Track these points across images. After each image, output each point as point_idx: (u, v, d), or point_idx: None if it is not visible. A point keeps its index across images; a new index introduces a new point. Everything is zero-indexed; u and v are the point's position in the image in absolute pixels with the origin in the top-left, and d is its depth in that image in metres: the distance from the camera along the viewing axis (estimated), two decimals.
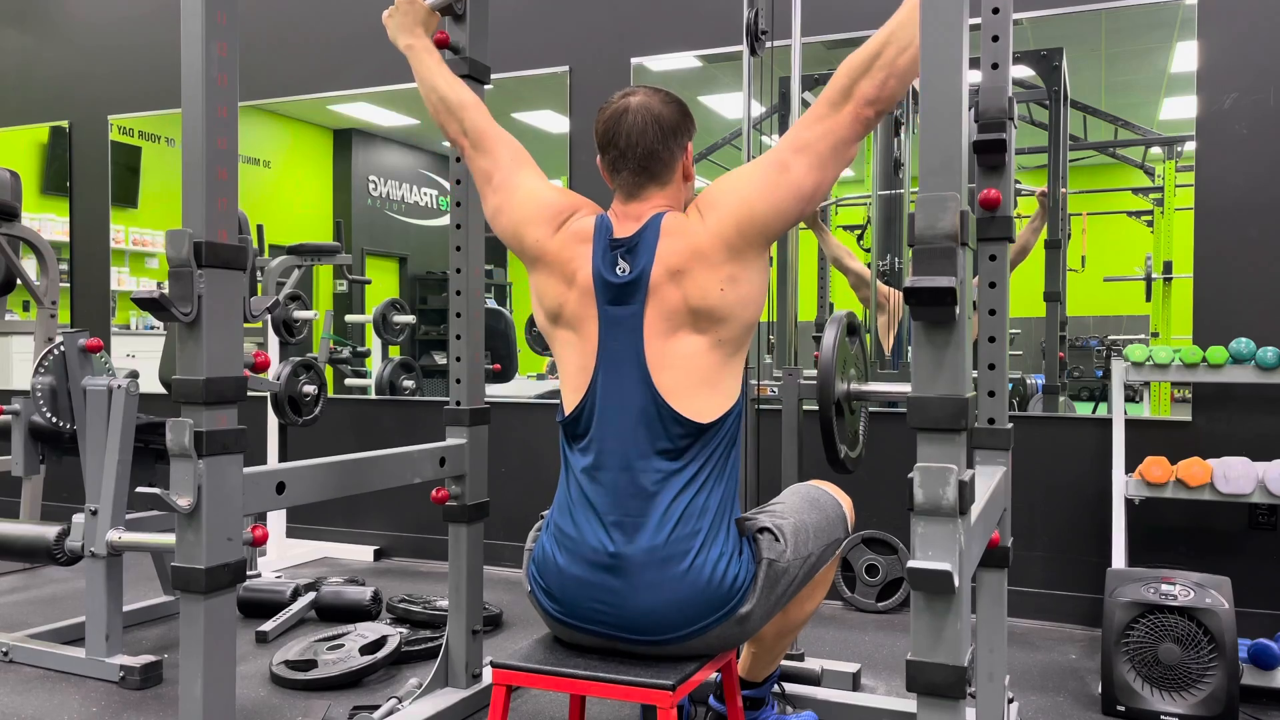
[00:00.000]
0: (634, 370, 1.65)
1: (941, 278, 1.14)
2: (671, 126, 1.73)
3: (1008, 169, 1.94)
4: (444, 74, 2.07)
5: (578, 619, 1.66)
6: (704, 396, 1.65)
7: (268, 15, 4.42)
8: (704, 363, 1.65)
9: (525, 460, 3.91)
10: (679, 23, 3.70)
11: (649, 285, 1.65)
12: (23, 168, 4.77)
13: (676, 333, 1.65)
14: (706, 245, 1.64)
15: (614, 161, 1.74)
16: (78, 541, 2.69)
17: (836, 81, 1.59)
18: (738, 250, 1.64)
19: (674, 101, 1.76)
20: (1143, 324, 3.39)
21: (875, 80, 1.55)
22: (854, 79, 1.57)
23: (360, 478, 2.08)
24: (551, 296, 1.75)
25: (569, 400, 1.73)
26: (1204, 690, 2.27)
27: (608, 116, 1.74)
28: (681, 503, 1.61)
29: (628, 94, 1.75)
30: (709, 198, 1.69)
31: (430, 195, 5.01)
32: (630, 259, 1.68)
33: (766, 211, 1.63)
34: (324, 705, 2.43)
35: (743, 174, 1.69)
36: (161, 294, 1.60)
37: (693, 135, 1.78)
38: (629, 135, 1.71)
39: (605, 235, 1.72)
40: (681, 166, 1.76)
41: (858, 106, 1.58)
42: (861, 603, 3.36)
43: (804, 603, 1.92)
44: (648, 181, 1.73)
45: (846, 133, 1.60)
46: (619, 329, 1.67)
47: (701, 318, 1.64)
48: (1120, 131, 3.41)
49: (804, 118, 1.66)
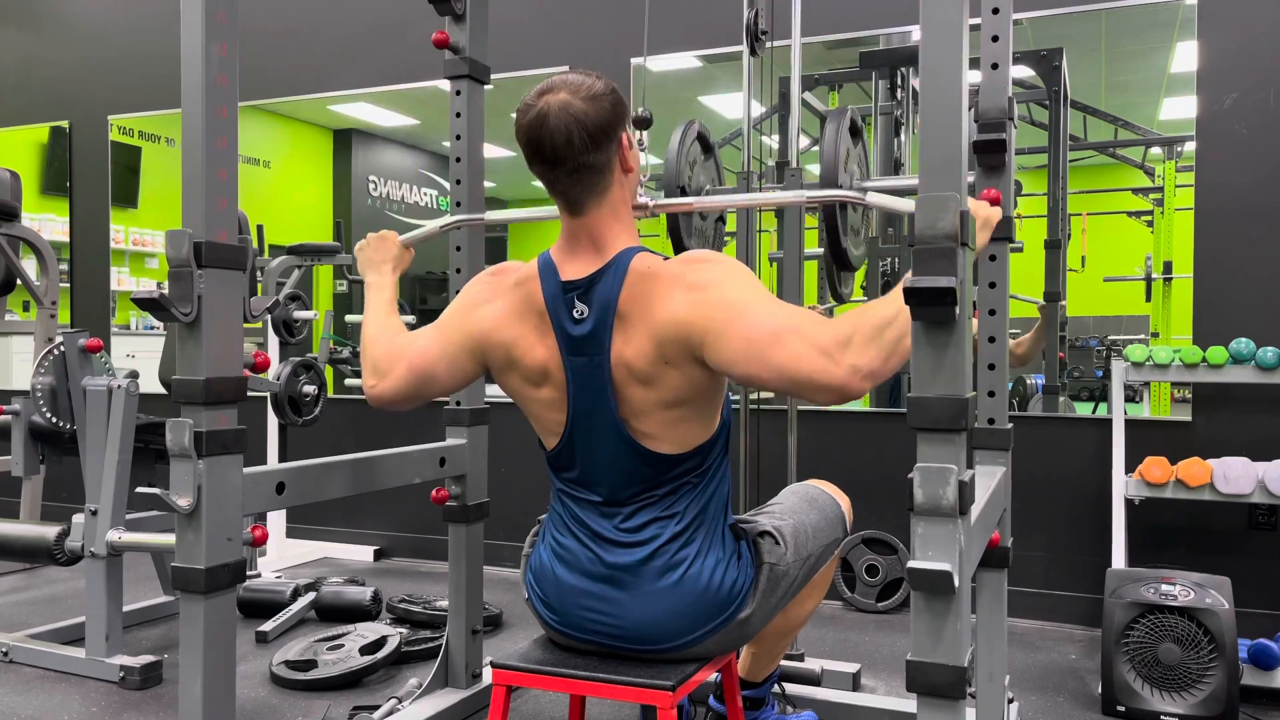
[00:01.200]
0: (606, 419, 1.58)
1: (941, 278, 1.14)
2: (598, 129, 1.51)
3: (1008, 169, 1.94)
4: (381, 326, 1.86)
5: (576, 629, 1.65)
6: (681, 433, 1.58)
7: (268, 15, 4.42)
8: (674, 413, 1.56)
9: (525, 460, 3.90)
10: (679, 23, 3.70)
11: (611, 334, 1.54)
12: (23, 168, 4.77)
13: (644, 384, 1.55)
14: (661, 327, 1.50)
15: (543, 176, 1.57)
16: (78, 541, 2.69)
17: (848, 337, 1.40)
18: (672, 362, 1.51)
19: (600, 93, 1.53)
20: (1143, 324, 3.39)
21: (881, 356, 1.38)
22: (862, 348, 1.39)
23: (360, 478, 2.08)
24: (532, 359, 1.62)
25: (548, 441, 1.68)
26: (1204, 690, 2.27)
27: (527, 124, 1.52)
28: (671, 520, 1.60)
29: (544, 92, 1.53)
30: (700, 278, 1.51)
31: (430, 195, 5.01)
32: (587, 300, 1.55)
33: (723, 356, 1.48)
34: (324, 705, 2.43)
35: (749, 313, 1.47)
36: (161, 294, 1.60)
37: (626, 123, 1.59)
38: (554, 148, 1.51)
39: (553, 278, 1.58)
40: (619, 162, 1.58)
41: (853, 375, 1.39)
42: (861, 603, 3.36)
43: (804, 602, 1.92)
44: (585, 194, 1.56)
45: (837, 384, 1.40)
46: (587, 379, 1.58)
47: (671, 366, 1.53)
48: (1120, 131, 3.41)
49: (814, 322, 1.45)
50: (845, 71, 3.66)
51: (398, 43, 4.17)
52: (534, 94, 1.54)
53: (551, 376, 1.61)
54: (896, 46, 3.51)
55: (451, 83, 2.41)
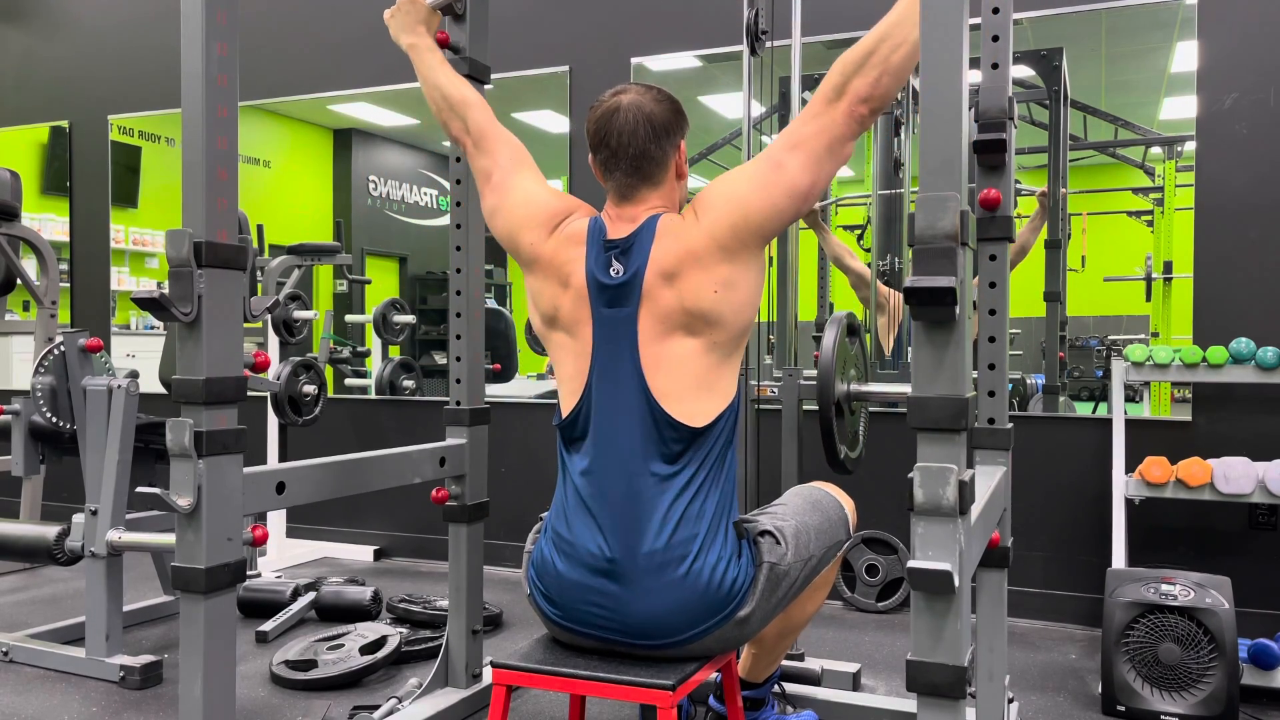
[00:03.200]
0: (629, 373, 1.64)
1: (941, 278, 1.14)
2: (663, 126, 1.70)
3: (1008, 169, 1.94)
4: (446, 72, 2.07)
5: (577, 623, 1.66)
6: (699, 399, 1.64)
7: (268, 15, 4.42)
8: (699, 365, 1.64)
9: (525, 460, 3.91)
10: (679, 23, 3.70)
11: (643, 287, 1.64)
12: (23, 168, 4.77)
13: (671, 335, 1.64)
14: (700, 247, 1.63)
15: (606, 162, 1.72)
16: (78, 541, 2.69)
17: (831, 79, 1.59)
18: (732, 252, 1.63)
19: (666, 99, 1.73)
20: (1143, 324, 3.39)
21: (869, 77, 1.55)
22: (848, 76, 1.56)
23: (360, 478, 2.08)
24: (547, 299, 1.74)
25: (565, 403, 1.72)
26: (1204, 690, 2.27)
27: (599, 116, 1.72)
28: (679, 507, 1.61)
29: (619, 92, 1.73)
30: (704, 199, 1.68)
31: (430, 195, 5.01)
32: (624, 260, 1.66)
33: (761, 210, 1.62)
34: (324, 705, 2.43)
35: (737, 174, 1.68)
36: (161, 294, 1.60)
37: (685, 133, 1.77)
38: (620, 135, 1.68)
39: (599, 237, 1.70)
40: (674, 165, 1.75)
41: (852, 104, 1.57)
42: (861, 603, 3.36)
43: (805, 604, 1.92)
44: (640, 182, 1.71)
45: (841, 130, 1.59)
46: (613, 332, 1.66)
47: (696, 320, 1.63)
48: (1120, 131, 3.41)
49: (799, 115, 1.65)
50: None
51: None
52: (608, 94, 1.74)
53: (578, 297, 1.69)
54: None
55: None
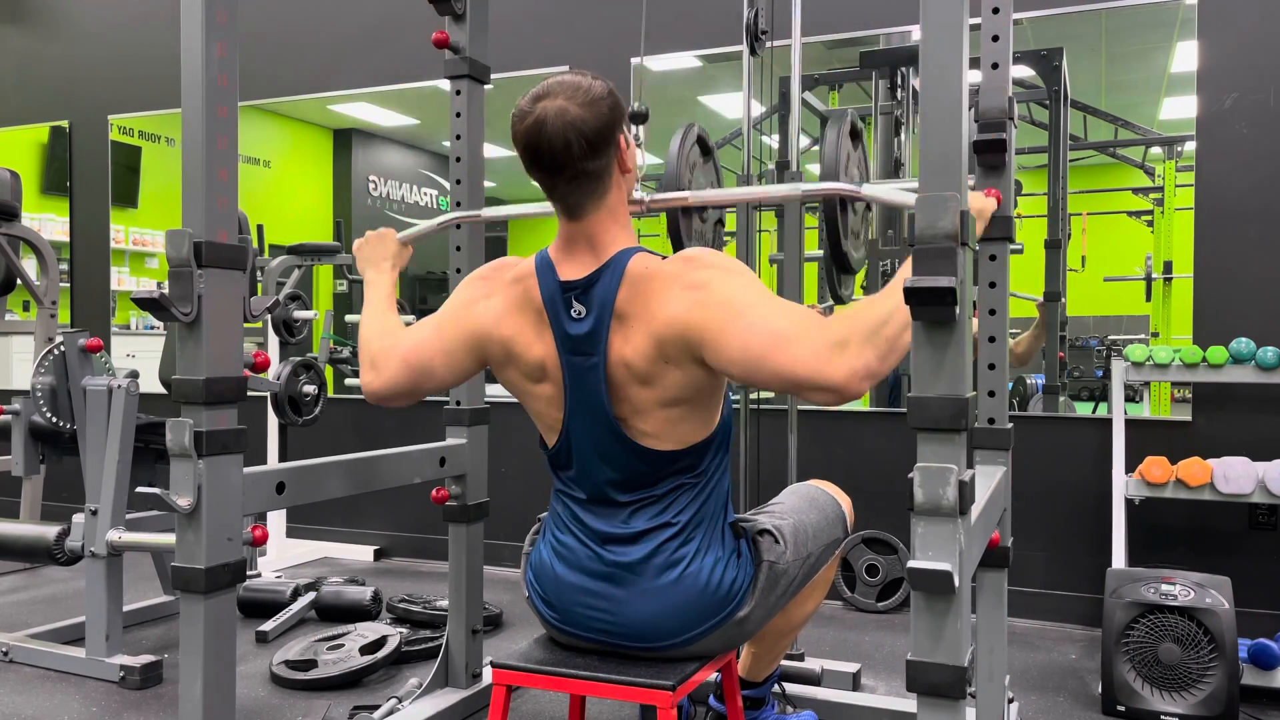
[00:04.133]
0: (602, 419, 1.58)
1: (941, 278, 1.14)
2: (597, 134, 1.50)
3: (1008, 169, 1.93)
4: (379, 322, 1.85)
5: (575, 626, 1.66)
6: (680, 432, 1.58)
7: (268, 15, 4.42)
8: (674, 411, 1.56)
9: (525, 460, 3.91)
10: (679, 23, 3.70)
11: (608, 335, 1.53)
12: (23, 168, 4.77)
13: (642, 384, 1.55)
14: (662, 327, 1.50)
15: (542, 182, 1.56)
16: (78, 541, 2.69)
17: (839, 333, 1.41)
18: (672, 360, 1.51)
19: (596, 99, 1.51)
20: (1143, 324, 3.39)
21: (880, 353, 1.39)
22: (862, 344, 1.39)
23: (360, 478, 2.08)
24: (529, 365, 1.62)
25: (548, 438, 1.68)
26: (1204, 690, 2.27)
27: (524, 130, 1.50)
28: (670, 517, 1.60)
29: (540, 97, 1.50)
30: (699, 278, 1.50)
31: (430, 195, 5.01)
32: (585, 301, 1.55)
33: (715, 358, 1.48)
34: (324, 705, 2.43)
35: (751, 304, 1.47)
36: (161, 294, 1.60)
37: (624, 123, 1.57)
38: (552, 155, 1.49)
39: (551, 277, 1.58)
40: (617, 165, 1.58)
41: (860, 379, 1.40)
42: (861, 603, 3.36)
43: (804, 603, 1.92)
44: (584, 199, 1.55)
45: (832, 391, 1.41)
46: (583, 379, 1.58)
47: (663, 376, 1.54)
48: (1120, 131, 3.41)
49: (812, 333, 1.43)
50: (845, 71, 3.66)
51: (398, 43, 4.17)
52: (529, 99, 1.52)
53: (549, 374, 1.61)
54: (896, 46, 3.51)
55: (451, 82, 2.42)
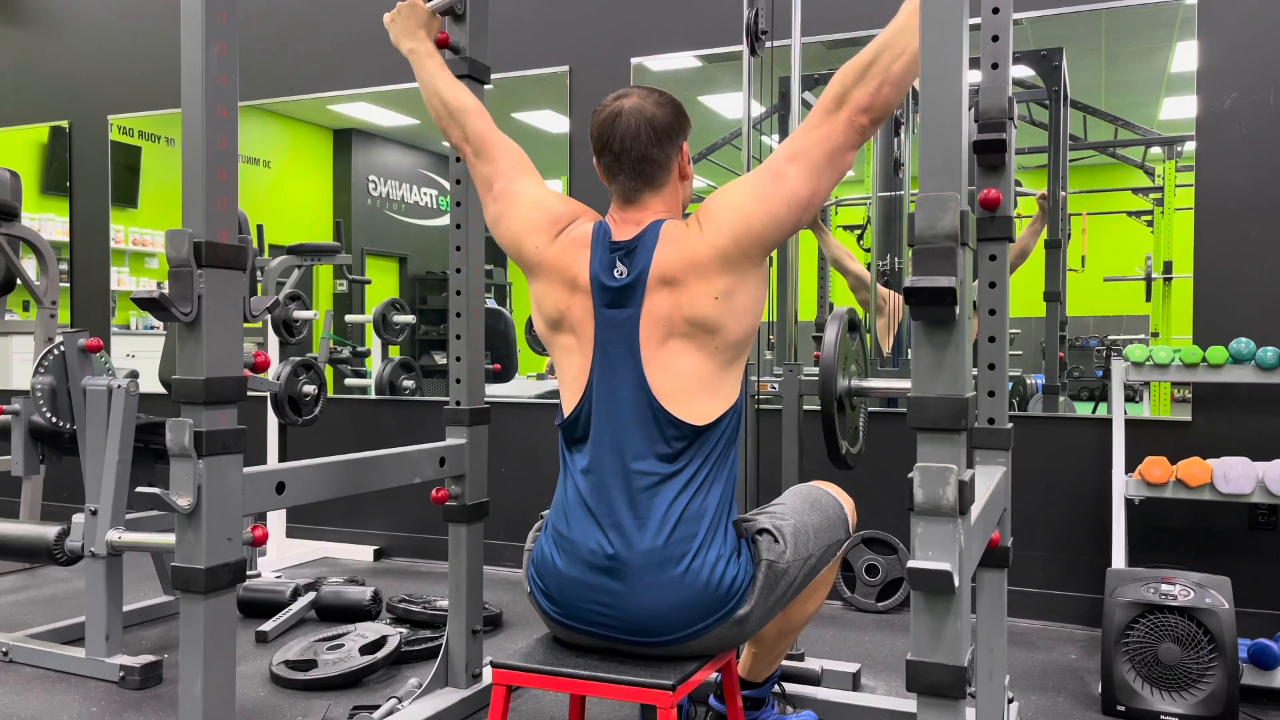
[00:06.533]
0: (629, 373, 1.66)
1: (941, 278, 1.14)
2: (665, 129, 1.72)
3: (1008, 169, 1.94)
4: (446, 78, 2.07)
5: (577, 620, 1.66)
6: (700, 400, 1.65)
7: (268, 15, 4.42)
8: (700, 369, 1.65)
9: (525, 460, 3.91)
10: (679, 23, 3.70)
11: (645, 289, 1.65)
12: (23, 168, 4.77)
13: (671, 339, 1.65)
14: (703, 257, 1.64)
15: (609, 166, 1.74)
16: (78, 541, 2.69)
17: (831, 89, 1.59)
18: (734, 262, 1.64)
19: (668, 102, 1.75)
20: (1143, 324, 3.39)
21: (870, 87, 1.55)
22: (848, 86, 1.57)
23: (360, 478, 2.08)
24: (551, 303, 1.75)
25: (567, 403, 1.74)
26: (1204, 690, 2.27)
27: (601, 120, 1.74)
28: (679, 505, 1.61)
29: (621, 96, 1.74)
30: (707, 209, 1.68)
31: (430, 195, 5.01)
32: (628, 262, 1.68)
33: (762, 221, 1.63)
34: (324, 705, 2.43)
35: (739, 185, 1.69)
36: (161, 294, 1.60)
37: (688, 134, 1.78)
38: (623, 140, 1.70)
39: (604, 239, 1.72)
40: (677, 167, 1.77)
41: (852, 114, 1.57)
42: (861, 603, 3.36)
43: (805, 603, 1.92)
44: (643, 186, 1.73)
45: (841, 140, 1.59)
46: (615, 332, 1.67)
47: (696, 328, 1.64)
48: (1120, 131, 3.40)
49: (800, 126, 1.66)
50: None
51: None
52: (610, 98, 1.75)
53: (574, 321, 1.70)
54: None
55: None
